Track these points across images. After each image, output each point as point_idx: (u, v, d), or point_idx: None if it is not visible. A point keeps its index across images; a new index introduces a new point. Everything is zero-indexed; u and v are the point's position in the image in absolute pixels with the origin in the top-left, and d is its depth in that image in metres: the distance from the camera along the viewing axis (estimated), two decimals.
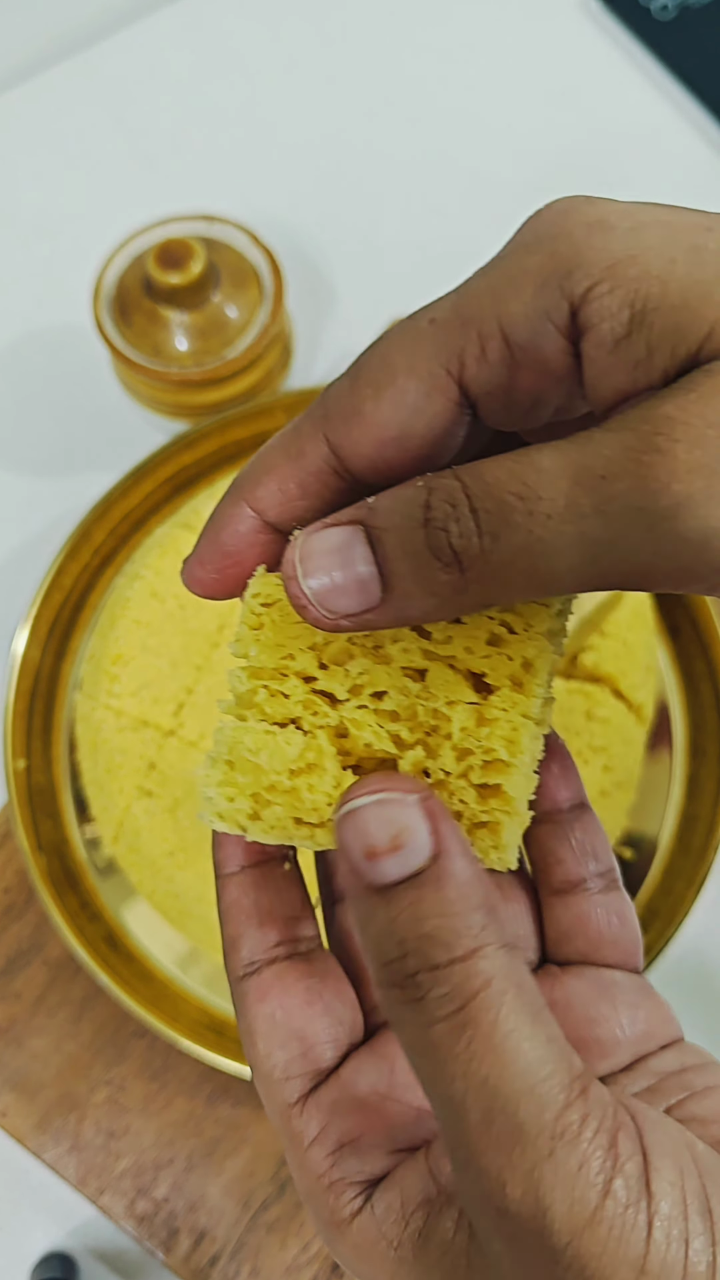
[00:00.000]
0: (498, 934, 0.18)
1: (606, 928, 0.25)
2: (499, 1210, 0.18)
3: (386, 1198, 0.21)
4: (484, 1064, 0.18)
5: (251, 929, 0.23)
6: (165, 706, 0.48)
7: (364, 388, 0.20)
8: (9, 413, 0.62)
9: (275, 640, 0.22)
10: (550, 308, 0.19)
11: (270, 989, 0.23)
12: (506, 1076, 0.17)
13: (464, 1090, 0.18)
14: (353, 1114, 0.22)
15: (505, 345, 0.19)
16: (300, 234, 0.65)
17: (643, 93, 0.68)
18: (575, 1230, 0.17)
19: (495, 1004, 0.18)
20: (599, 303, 0.18)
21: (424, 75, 0.69)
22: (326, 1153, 0.22)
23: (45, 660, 0.52)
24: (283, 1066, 0.23)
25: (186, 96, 0.69)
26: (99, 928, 0.48)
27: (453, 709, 0.21)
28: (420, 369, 0.20)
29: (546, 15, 0.71)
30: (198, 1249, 0.47)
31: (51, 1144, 0.49)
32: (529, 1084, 0.17)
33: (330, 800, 0.21)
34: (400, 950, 0.18)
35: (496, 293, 0.19)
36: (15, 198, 0.67)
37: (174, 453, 0.54)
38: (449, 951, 0.18)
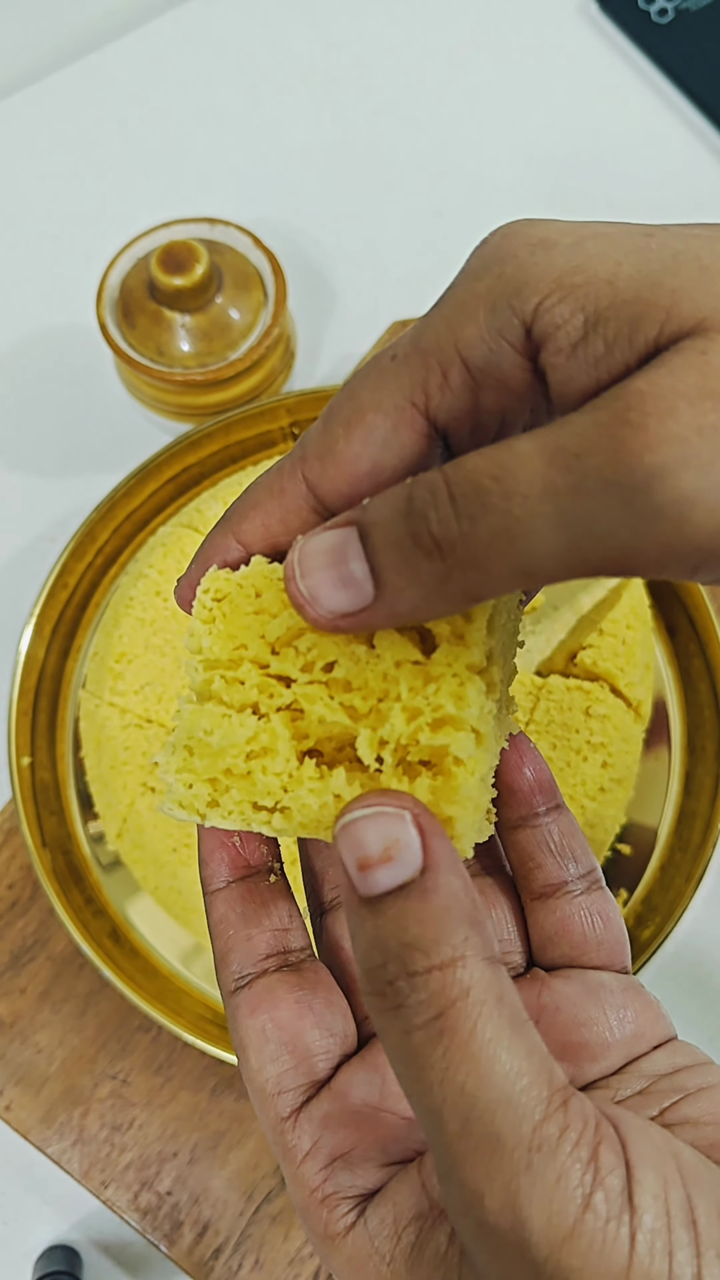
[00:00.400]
0: (481, 947, 0.19)
1: (591, 930, 0.25)
2: (478, 1222, 0.18)
3: (380, 1212, 0.21)
4: (460, 1072, 0.18)
5: (241, 942, 0.24)
6: (169, 704, 0.48)
7: (335, 427, 0.21)
8: (14, 413, 0.62)
9: (228, 632, 0.22)
10: (503, 327, 0.19)
11: (261, 1002, 0.23)
12: (483, 1085, 0.17)
13: (441, 1099, 0.18)
14: (345, 1127, 0.22)
15: (465, 370, 0.20)
16: (302, 237, 0.66)
17: (641, 96, 0.69)
18: (554, 1243, 0.17)
19: (473, 1013, 0.18)
20: (551, 314, 0.19)
21: (425, 79, 0.70)
22: (319, 1167, 0.22)
23: (50, 658, 0.52)
24: (275, 1080, 0.23)
25: (190, 100, 0.70)
26: (103, 923, 0.49)
27: (400, 670, 0.21)
28: (386, 404, 0.20)
29: (546, 19, 0.71)
30: (201, 1241, 0.48)
31: (56, 1138, 0.49)
32: (506, 1093, 0.17)
33: (284, 784, 0.22)
34: (383, 957, 0.19)
35: (450, 321, 0.20)
36: (20, 200, 0.68)
37: (177, 453, 0.54)
38: (428, 959, 0.18)
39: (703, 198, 0.66)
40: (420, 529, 0.18)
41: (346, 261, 0.65)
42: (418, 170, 0.67)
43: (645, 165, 0.67)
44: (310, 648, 0.22)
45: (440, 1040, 0.18)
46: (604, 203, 0.66)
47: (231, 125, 0.69)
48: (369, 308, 0.64)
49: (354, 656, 0.22)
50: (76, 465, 0.61)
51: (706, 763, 0.50)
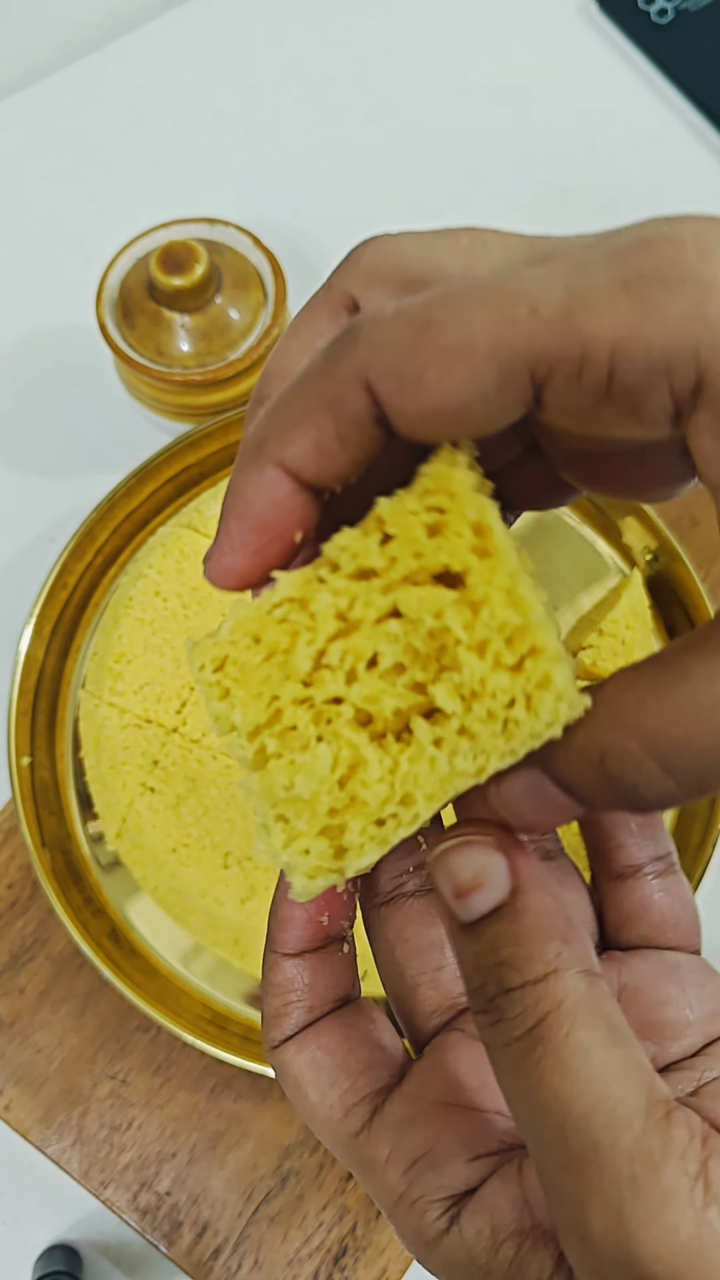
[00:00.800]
0: (575, 960, 0.19)
1: (669, 911, 0.25)
2: (582, 1238, 0.17)
3: (476, 1221, 0.20)
4: (554, 1079, 0.18)
5: (300, 1011, 0.23)
6: (168, 704, 0.48)
7: (433, 353, 0.17)
8: (13, 413, 0.62)
9: (251, 694, 0.20)
10: (674, 369, 0.16)
11: (308, 1040, 0.23)
12: (577, 1092, 0.17)
13: (538, 1107, 0.18)
14: (421, 1128, 0.22)
15: (606, 380, 0.16)
16: (302, 237, 0.66)
17: (641, 96, 0.69)
18: (666, 1259, 0.16)
19: (566, 1023, 0.18)
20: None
21: (424, 79, 0.70)
22: (401, 1171, 0.21)
23: (49, 658, 0.52)
24: (338, 1103, 0.22)
25: (189, 100, 0.70)
26: (103, 923, 0.49)
27: (442, 617, 0.19)
28: (504, 358, 0.16)
29: (545, 19, 0.71)
30: (200, 1242, 0.48)
31: (55, 1138, 0.49)
32: (601, 1102, 0.17)
33: (389, 784, 0.20)
34: (483, 978, 0.19)
35: (620, 320, 0.16)
36: (20, 200, 0.68)
37: (177, 453, 0.54)
38: (522, 976, 0.19)
39: (702, 198, 0.66)
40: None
41: None
42: (418, 170, 0.67)
43: (645, 165, 0.67)
44: (344, 656, 0.19)
45: (535, 1049, 0.18)
46: (604, 202, 0.66)
47: (231, 125, 0.69)
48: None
49: (391, 636, 0.19)
50: (76, 465, 0.61)
51: None
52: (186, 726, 0.48)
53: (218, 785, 0.47)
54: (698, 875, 0.47)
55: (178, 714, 0.48)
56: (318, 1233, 0.48)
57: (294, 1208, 0.48)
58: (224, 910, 0.47)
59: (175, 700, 0.48)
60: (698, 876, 0.47)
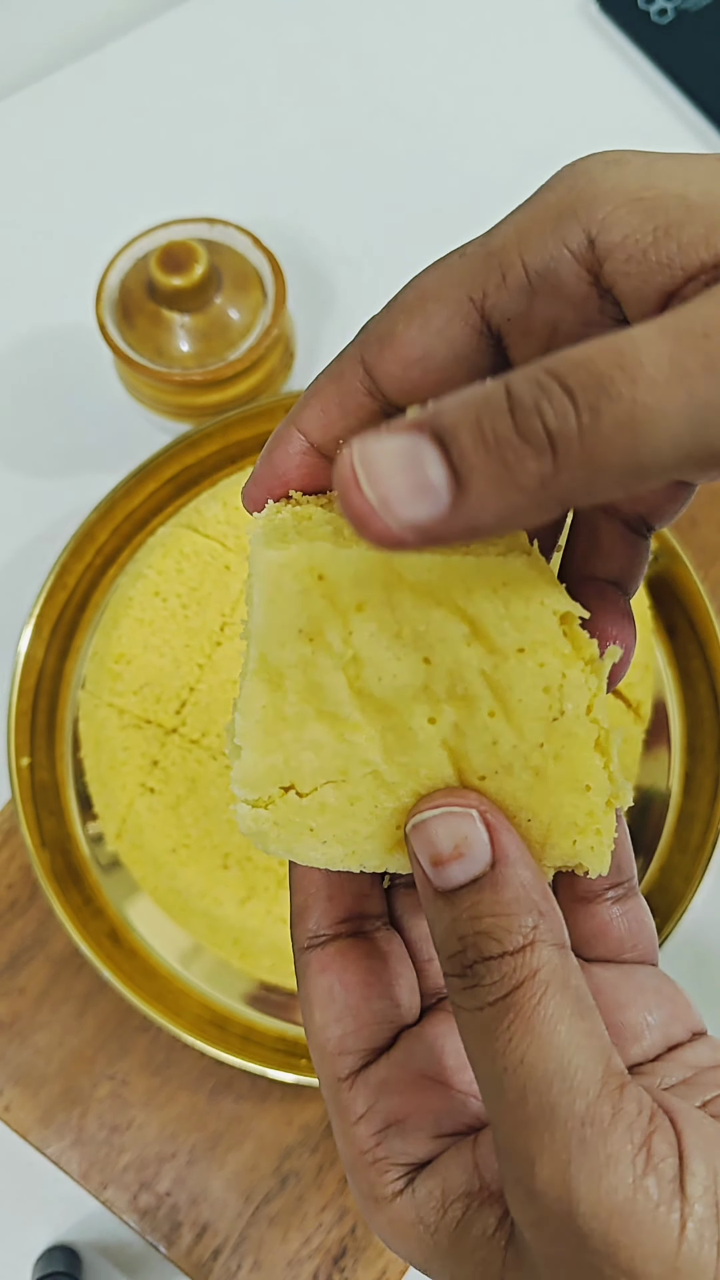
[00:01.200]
0: (550, 934, 0.20)
1: (627, 934, 0.26)
2: (529, 1191, 0.18)
3: (429, 1184, 0.22)
4: (522, 1044, 0.19)
5: (321, 900, 0.24)
6: (168, 705, 0.48)
7: (397, 313, 0.22)
8: (13, 414, 0.62)
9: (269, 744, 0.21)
10: (566, 235, 0.20)
11: (331, 963, 0.23)
12: (542, 1057, 0.18)
13: (503, 1068, 0.19)
14: (401, 1094, 0.23)
15: (524, 273, 0.21)
16: (302, 237, 0.66)
17: (641, 96, 0.69)
18: (603, 1217, 0.17)
19: (538, 991, 0.19)
20: (620, 224, 0.20)
21: (424, 79, 0.70)
22: (373, 1131, 0.22)
23: (49, 659, 0.52)
24: (337, 1040, 0.23)
25: (189, 100, 0.70)
26: (102, 923, 0.49)
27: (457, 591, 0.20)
28: (445, 295, 0.21)
29: (545, 19, 0.71)
30: (200, 1242, 0.48)
31: (55, 1138, 0.49)
32: (562, 1067, 0.18)
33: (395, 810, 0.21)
34: (460, 945, 0.20)
35: (518, 227, 0.21)
36: (19, 200, 0.67)
37: (176, 453, 0.54)
38: (501, 946, 0.19)
39: None
40: (531, 425, 0.16)
41: (346, 261, 0.65)
42: (418, 170, 0.67)
43: None
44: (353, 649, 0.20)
45: (507, 1014, 0.19)
46: None
47: (231, 125, 0.69)
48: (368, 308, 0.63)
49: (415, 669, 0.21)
50: (75, 465, 0.61)
51: (706, 764, 0.50)
52: (186, 727, 0.48)
53: (217, 785, 0.47)
54: (698, 875, 0.47)
55: (177, 714, 0.48)
56: (317, 1233, 0.48)
57: (294, 1208, 0.48)
58: (223, 911, 0.47)
59: (175, 700, 0.48)
60: (698, 877, 0.47)
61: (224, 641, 0.49)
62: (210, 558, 0.51)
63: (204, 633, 0.49)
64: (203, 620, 0.50)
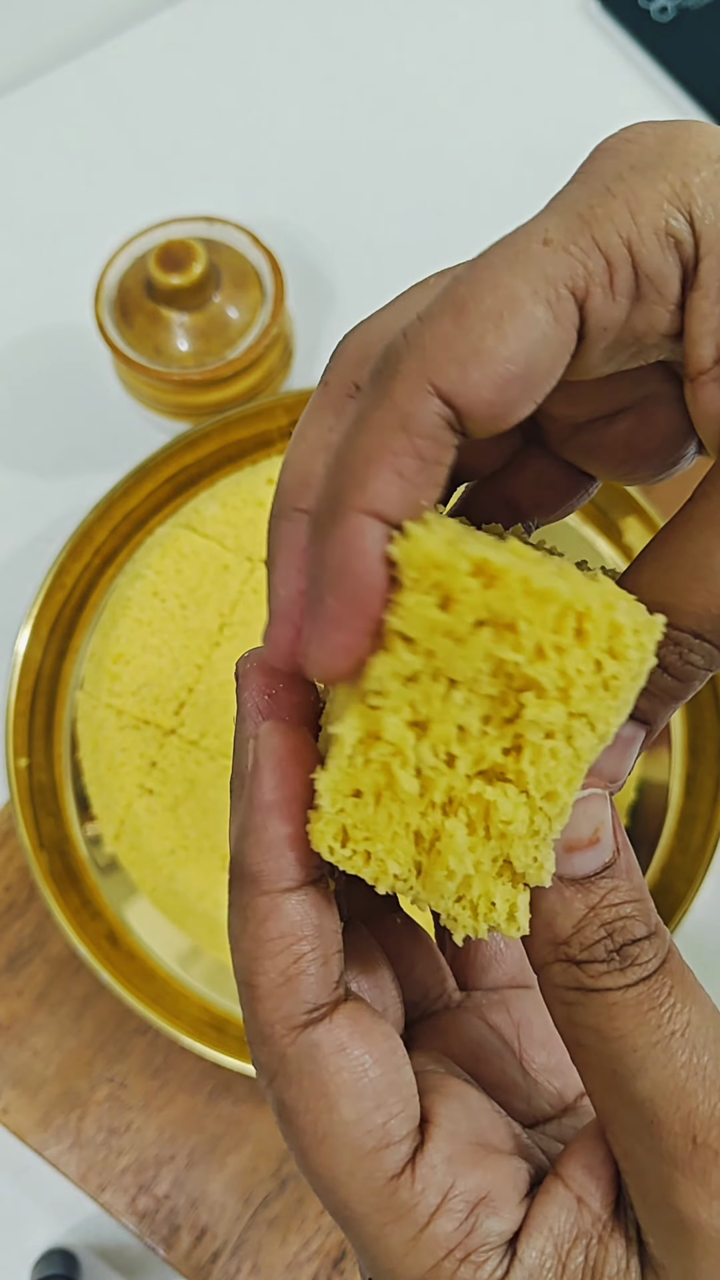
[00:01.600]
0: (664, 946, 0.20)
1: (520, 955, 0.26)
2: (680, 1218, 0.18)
3: (536, 1243, 0.18)
4: (686, 1007, 0.18)
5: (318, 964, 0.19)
6: (166, 705, 0.48)
7: (480, 321, 0.17)
8: (11, 413, 0.62)
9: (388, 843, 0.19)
10: (678, 235, 0.17)
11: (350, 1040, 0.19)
12: (708, 1019, 0.18)
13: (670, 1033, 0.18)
14: (474, 1166, 0.19)
15: (634, 276, 0.17)
16: (300, 235, 0.65)
17: (641, 94, 0.69)
18: None
19: (681, 965, 0.19)
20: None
21: (423, 77, 0.70)
22: (459, 1221, 0.18)
23: (47, 659, 0.52)
24: (381, 1131, 0.18)
25: (187, 98, 0.70)
26: (100, 925, 0.48)
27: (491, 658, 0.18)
28: (547, 292, 0.17)
29: (546, 18, 0.71)
30: (199, 1245, 0.48)
31: (53, 1141, 0.49)
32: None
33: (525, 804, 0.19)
34: (606, 932, 0.19)
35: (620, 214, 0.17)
36: (17, 199, 0.67)
37: (175, 453, 0.54)
38: (648, 927, 0.19)
39: None
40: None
41: (345, 260, 0.65)
42: (418, 169, 0.67)
43: None
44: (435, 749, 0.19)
45: (666, 981, 0.19)
46: None
47: (230, 123, 0.69)
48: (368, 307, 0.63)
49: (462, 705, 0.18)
50: (74, 465, 0.61)
51: (707, 765, 0.49)
52: (184, 728, 0.48)
53: (216, 787, 0.47)
54: (699, 876, 0.47)
55: (175, 715, 0.48)
56: (316, 1236, 0.48)
57: (293, 1211, 0.48)
58: (222, 912, 0.46)
59: (173, 701, 0.48)
60: (699, 878, 0.47)
61: (222, 642, 0.49)
62: (209, 558, 0.50)
63: (202, 633, 0.49)
64: (201, 621, 0.49)
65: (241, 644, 0.49)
